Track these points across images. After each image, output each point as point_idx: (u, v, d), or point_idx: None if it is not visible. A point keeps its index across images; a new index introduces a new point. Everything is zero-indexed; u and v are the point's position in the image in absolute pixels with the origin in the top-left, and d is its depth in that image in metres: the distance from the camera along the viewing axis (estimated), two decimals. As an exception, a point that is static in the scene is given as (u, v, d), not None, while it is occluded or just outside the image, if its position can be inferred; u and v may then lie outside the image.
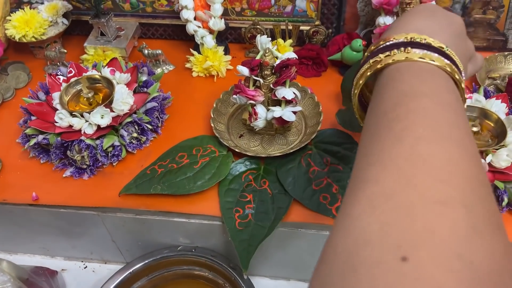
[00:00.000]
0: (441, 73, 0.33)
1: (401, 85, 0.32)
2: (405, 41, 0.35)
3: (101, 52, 0.75)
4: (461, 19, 0.40)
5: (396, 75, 0.33)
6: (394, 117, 0.29)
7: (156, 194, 0.56)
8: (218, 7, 0.71)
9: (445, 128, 0.27)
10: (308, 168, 0.58)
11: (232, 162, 0.59)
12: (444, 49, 0.34)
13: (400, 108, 0.29)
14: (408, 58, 0.33)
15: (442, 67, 0.33)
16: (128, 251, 0.66)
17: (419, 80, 0.32)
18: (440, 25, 0.37)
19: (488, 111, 0.56)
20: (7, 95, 0.73)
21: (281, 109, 0.57)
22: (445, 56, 0.34)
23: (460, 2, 0.70)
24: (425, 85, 0.31)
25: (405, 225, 0.21)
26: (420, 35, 0.35)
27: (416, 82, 0.32)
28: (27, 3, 0.82)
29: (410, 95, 0.30)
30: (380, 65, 0.35)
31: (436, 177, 0.24)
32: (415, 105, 0.29)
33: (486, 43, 0.74)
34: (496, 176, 0.51)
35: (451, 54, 0.35)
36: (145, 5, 0.80)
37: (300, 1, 0.75)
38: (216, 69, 0.74)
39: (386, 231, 0.21)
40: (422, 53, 0.34)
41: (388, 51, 0.35)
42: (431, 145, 0.26)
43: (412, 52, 0.34)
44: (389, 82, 0.33)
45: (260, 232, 0.53)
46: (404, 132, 0.27)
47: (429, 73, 0.33)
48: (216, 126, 0.63)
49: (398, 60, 0.34)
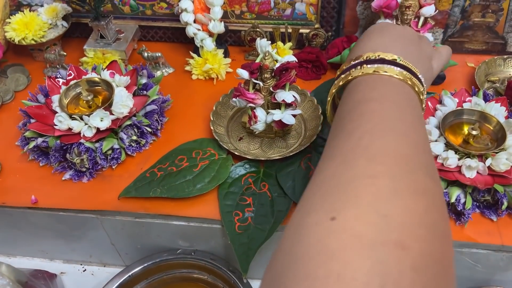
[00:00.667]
0: (394, 80, 0.39)
1: (356, 95, 0.38)
2: (361, 60, 0.42)
3: (100, 55, 0.75)
4: (410, 29, 0.48)
5: (353, 88, 0.40)
6: (348, 120, 0.35)
7: (155, 197, 0.56)
8: (218, 10, 0.71)
9: (388, 123, 0.33)
10: (308, 171, 0.58)
11: (232, 165, 0.59)
12: (397, 60, 0.40)
13: (353, 112, 0.36)
14: (364, 73, 0.40)
15: (393, 75, 0.39)
16: (127, 254, 0.66)
17: (370, 88, 0.39)
18: (391, 39, 0.44)
19: (488, 115, 0.56)
20: (7, 97, 0.73)
21: (281, 112, 0.57)
22: (398, 65, 0.40)
23: (459, 5, 0.71)
24: (374, 92, 0.38)
25: (340, 195, 0.28)
26: (374, 53, 0.41)
27: (367, 90, 0.38)
28: (26, 5, 0.82)
29: (362, 101, 0.37)
30: (342, 81, 0.42)
31: (371, 159, 0.30)
32: (365, 108, 0.35)
33: (485, 46, 0.74)
34: (496, 180, 0.51)
35: (404, 63, 0.40)
36: (144, 8, 0.80)
37: (300, 4, 0.75)
38: (215, 71, 0.74)
39: (324, 201, 0.28)
40: (375, 67, 0.40)
41: (348, 71, 0.42)
42: (373, 137, 0.32)
43: (366, 67, 0.40)
44: (347, 94, 0.40)
45: (259, 235, 0.53)
46: (354, 130, 0.33)
47: (381, 82, 0.39)
48: (216, 129, 0.63)
49: (355, 76, 0.41)
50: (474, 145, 0.55)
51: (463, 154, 0.53)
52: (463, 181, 0.51)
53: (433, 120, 0.57)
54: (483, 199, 0.52)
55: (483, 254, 0.53)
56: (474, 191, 0.52)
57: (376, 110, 0.35)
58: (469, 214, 0.51)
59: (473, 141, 0.55)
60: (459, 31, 0.73)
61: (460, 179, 0.51)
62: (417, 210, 0.27)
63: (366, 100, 0.36)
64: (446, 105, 0.58)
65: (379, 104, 0.35)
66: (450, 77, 0.71)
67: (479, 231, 0.52)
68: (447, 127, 0.57)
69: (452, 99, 0.59)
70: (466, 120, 0.57)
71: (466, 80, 0.71)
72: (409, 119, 0.35)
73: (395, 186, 0.28)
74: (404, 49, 0.43)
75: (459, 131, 0.57)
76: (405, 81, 0.39)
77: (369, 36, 0.46)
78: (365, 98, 0.37)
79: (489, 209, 0.53)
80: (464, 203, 0.51)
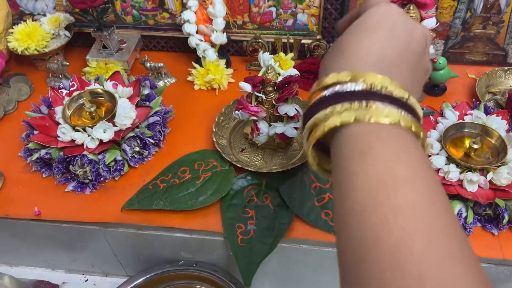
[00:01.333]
0: (407, 135, 0.27)
1: (373, 168, 0.25)
2: (364, 89, 0.27)
3: (103, 65, 0.76)
4: (422, 29, 0.32)
5: (363, 146, 0.26)
6: (378, 222, 0.23)
7: (158, 209, 0.57)
8: (220, 21, 0.71)
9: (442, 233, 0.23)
10: (310, 183, 0.58)
11: (234, 177, 0.60)
12: (404, 99, 0.27)
13: (381, 207, 0.23)
14: (374, 120, 0.26)
15: (407, 127, 0.27)
16: (129, 264, 0.66)
17: (394, 157, 0.25)
18: (398, 50, 0.30)
19: (489, 128, 0.56)
20: (9, 107, 0.73)
21: (283, 125, 0.57)
22: (406, 108, 0.27)
23: (461, 17, 0.71)
24: (402, 165, 0.25)
25: None
26: (382, 80, 0.27)
27: (391, 161, 0.25)
28: (29, 15, 0.83)
29: (389, 185, 0.24)
30: (334, 124, 0.27)
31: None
32: (399, 200, 0.23)
33: (486, 58, 0.75)
34: (497, 194, 0.51)
35: (413, 105, 0.28)
36: (147, 18, 0.80)
37: (302, 15, 0.75)
38: (217, 82, 0.74)
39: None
40: (386, 111, 0.26)
41: (341, 102, 0.27)
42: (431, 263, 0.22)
43: (375, 109, 0.26)
44: (355, 157, 0.26)
45: (262, 248, 0.53)
46: (398, 247, 0.22)
47: (398, 142, 0.26)
48: (218, 140, 0.63)
49: (361, 120, 0.26)
50: (476, 159, 0.55)
51: (465, 168, 0.53)
52: (464, 195, 0.51)
53: (434, 133, 0.58)
54: (484, 213, 0.52)
55: (484, 267, 0.53)
56: (475, 205, 0.53)
57: (415, 204, 0.24)
58: (471, 228, 0.52)
59: (474, 154, 0.55)
60: (460, 42, 0.74)
61: (462, 193, 0.52)
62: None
63: (394, 183, 0.24)
64: (447, 118, 0.59)
65: (416, 194, 0.24)
66: (451, 88, 0.72)
67: (481, 245, 0.52)
68: (448, 140, 0.57)
69: (453, 112, 0.59)
70: (468, 134, 0.58)
71: (467, 91, 0.72)
72: (447, 208, 0.25)
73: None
74: (410, 73, 0.30)
75: (460, 144, 0.57)
76: (418, 134, 0.27)
77: (374, 33, 0.30)
78: (392, 177, 0.24)
79: (490, 223, 0.53)
80: (465, 217, 0.51)
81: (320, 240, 0.54)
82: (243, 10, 0.76)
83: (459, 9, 0.70)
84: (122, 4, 0.79)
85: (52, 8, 0.81)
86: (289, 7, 0.75)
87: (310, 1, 0.73)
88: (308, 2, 0.73)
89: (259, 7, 0.75)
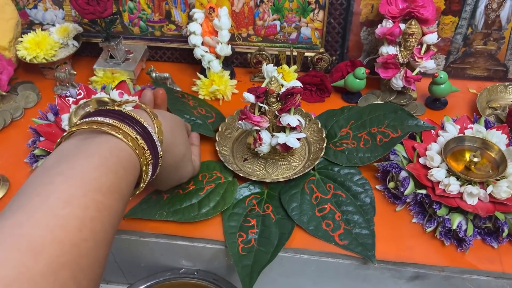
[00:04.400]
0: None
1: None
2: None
3: (110, 74, 0.77)
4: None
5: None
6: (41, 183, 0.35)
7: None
8: (226, 33, 0.73)
9: None
10: (311, 194, 0.58)
11: (237, 189, 0.60)
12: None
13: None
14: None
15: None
16: (130, 272, 0.67)
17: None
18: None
19: (489, 142, 0.57)
20: (16, 114, 0.74)
21: (286, 136, 0.58)
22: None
23: (462, 33, 0.72)
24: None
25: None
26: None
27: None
28: (38, 24, 0.85)
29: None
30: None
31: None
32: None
33: (487, 73, 0.76)
34: (497, 207, 0.52)
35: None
36: (154, 29, 0.82)
37: (305, 29, 0.77)
38: (221, 93, 0.75)
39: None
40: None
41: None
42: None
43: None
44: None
45: (263, 257, 0.53)
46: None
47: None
48: (221, 149, 0.64)
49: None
50: (476, 172, 0.55)
51: (465, 181, 0.54)
52: (464, 208, 0.52)
53: (435, 146, 0.58)
54: (484, 226, 0.53)
55: (484, 280, 0.53)
56: (475, 218, 0.53)
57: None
58: (471, 241, 0.52)
59: (474, 168, 0.56)
60: (461, 57, 0.75)
61: (462, 206, 0.52)
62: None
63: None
64: (448, 132, 0.60)
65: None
66: (452, 102, 0.73)
67: (480, 258, 0.52)
68: (449, 153, 0.58)
69: (454, 125, 0.60)
70: (468, 147, 0.58)
71: (468, 106, 0.73)
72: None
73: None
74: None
75: (460, 157, 0.58)
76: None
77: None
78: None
79: (490, 236, 0.53)
80: (465, 230, 0.52)
81: (321, 250, 0.54)
82: (248, 23, 0.78)
83: (460, 25, 0.71)
84: (130, 15, 0.81)
85: (61, 18, 0.83)
86: (293, 21, 0.76)
87: (314, 15, 0.75)
88: (312, 16, 0.75)
89: (263, 20, 0.77)
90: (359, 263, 0.54)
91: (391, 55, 0.68)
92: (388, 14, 0.67)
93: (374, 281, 0.57)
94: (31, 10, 0.83)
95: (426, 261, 0.53)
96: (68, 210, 0.32)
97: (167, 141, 0.47)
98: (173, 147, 0.49)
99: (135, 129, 0.41)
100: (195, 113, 0.68)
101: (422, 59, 0.68)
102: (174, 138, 0.49)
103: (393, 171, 0.58)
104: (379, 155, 0.60)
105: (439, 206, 0.53)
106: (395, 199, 0.58)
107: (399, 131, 0.61)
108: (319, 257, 0.55)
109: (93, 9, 0.68)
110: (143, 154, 0.41)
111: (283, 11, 0.75)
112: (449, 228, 0.53)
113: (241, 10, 0.77)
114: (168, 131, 0.48)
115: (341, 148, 0.63)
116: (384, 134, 0.61)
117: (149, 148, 0.42)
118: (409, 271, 0.54)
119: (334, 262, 0.55)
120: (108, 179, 0.36)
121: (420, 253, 0.53)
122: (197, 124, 0.66)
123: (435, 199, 0.53)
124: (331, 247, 0.54)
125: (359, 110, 0.67)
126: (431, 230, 0.54)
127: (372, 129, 0.63)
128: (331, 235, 0.54)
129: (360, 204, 0.57)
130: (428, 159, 0.57)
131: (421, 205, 0.56)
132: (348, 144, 0.63)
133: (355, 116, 0.66)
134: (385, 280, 0.56)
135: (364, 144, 0.62)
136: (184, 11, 0.79)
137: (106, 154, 0.38)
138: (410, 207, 0.57)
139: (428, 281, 0.55)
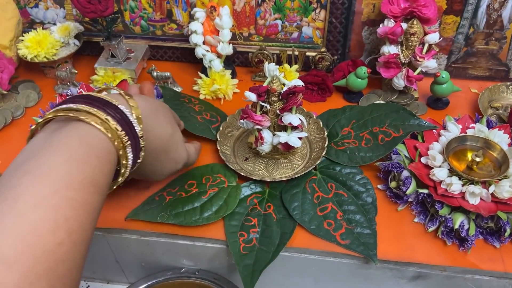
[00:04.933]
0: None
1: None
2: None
3: (111, 73, 0.77)
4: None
5: None
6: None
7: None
8: (227, 32, 0.73)
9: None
10: (313, 193, 0.58)
11: (240, 194, 0.59)
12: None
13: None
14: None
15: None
16: (131, 271, 0.67)
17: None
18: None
19: (491, 142, 0.57)
20: (17, 113, 0.74)
21: (287, 135, 0.58)
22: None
23: (463, 32, 0.72)
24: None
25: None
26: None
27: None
28: (39, 23, 0.84)
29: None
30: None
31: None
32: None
33: (489, 73, 0.76)
34: (499, 207, 0.51)
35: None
36: (155, 28, 0.82)
37: (307, 28, 0.76)
38: (223, 92, 0.75)
39: None
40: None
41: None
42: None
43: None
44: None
45: (264, 257, 0.53)
46: None
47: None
48: (222, 149, 0.64)
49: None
50: (478, 172, 0.55)
51: (467, 181, 0.54)
52: (466, 208, 0.52)
53: (437, 145, 0.58)
54: (486, 225, 0.53)
55: (486, 280, 0.53)
56: (477, 217, 0.53)
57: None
58: (473, 241, 0.52)
59: (476, 167, 0.55)
60: (462, 57, 0.75)
61: (464, 205, 0.52)
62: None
63: None
64: (450, 131, 0.59)
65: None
66: (454, 102, 0.73)
67: (482, 258, 0.52)
68: (450, 153, 0.58)
69: (456, 125, 0.60)
70: (470, 147, 0.58)
71: (470, 106, 0.72)
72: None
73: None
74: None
75: (462, 157, 0.58)
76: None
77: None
78: None
79: (492, 235, 0.53)
80: (467, 230, 0.52)
81: (322, 250, 0.54)
82: (249, 22, 0.78)
83: (462, 24, 0.71)
84: (131, 14, 0.80)
85: (62, 17, 0.83)
86: (294, 20, 0.76)
87: (315, 15, 0.75)
88: (313, 15, 0.75)
89: (265, 20, 0.77)
90: (361, 263, 0.54)
91: (392, 54, 0.68)
92: (390, 13, 0.67)
93: (375, 281, 0.57)
94: (32, 9, 0.83)
95: (428, 260, 0.53)
96: (38, 214, 0.30)
97: (148, 121, 0.44)
98: (156, 126, 0.46)
99: (106, 111, 0.38)
100: (199, 119, 0.67)
101: (424, 58, 0.67)
102: (156, 117, 0.46)
103: (395, 171, 0.58)
104: (380, 155, 0.60)
105: (441, 206, 0.53)
106: (397, 199, 0.58)
107: (401, 130, 0.61)
108: (321, 256, 0.55)
109: (94, 8, 0.68)
110: (118, 136, 0.38)
111: (284, 10, 0.75)
112: (451, 228, 0.52)
113: (242, 9, 0.76)
114: (148, 109, 0.45)
115: (342, 148, 0.63)
116: (386, 134, 0.61)
117: (125, 129, 0.39)
118: (411, 270, 0.54)
119: (335, 262, 0.55)
120: (80, 172, 0.34)
121: (422, 253, 0.53)
122: (199, 129, 0.66)
123: (437, 199, 0.53)
124: (333, 246, 0.54)
125: (360, 110, 0.67)
126: (433, 229, 0.54)
127: (374, 129, 0.63)
128: (333, 234, 0.54)
129: (361, 203, 0.57)
130: (430, 159, 0.56)
131: (423, 204, 0.56)
132: (349, 143, 0.63)
133: (356, 115, 0.66)
134: (387, 280, 0.56)
135: (366, 143, 0.62)
136: (186, 10, 0.78)
137: (76, 143, 0.35)
138: (412, 206, 0.57)
139: (430, 281, 0.55)
